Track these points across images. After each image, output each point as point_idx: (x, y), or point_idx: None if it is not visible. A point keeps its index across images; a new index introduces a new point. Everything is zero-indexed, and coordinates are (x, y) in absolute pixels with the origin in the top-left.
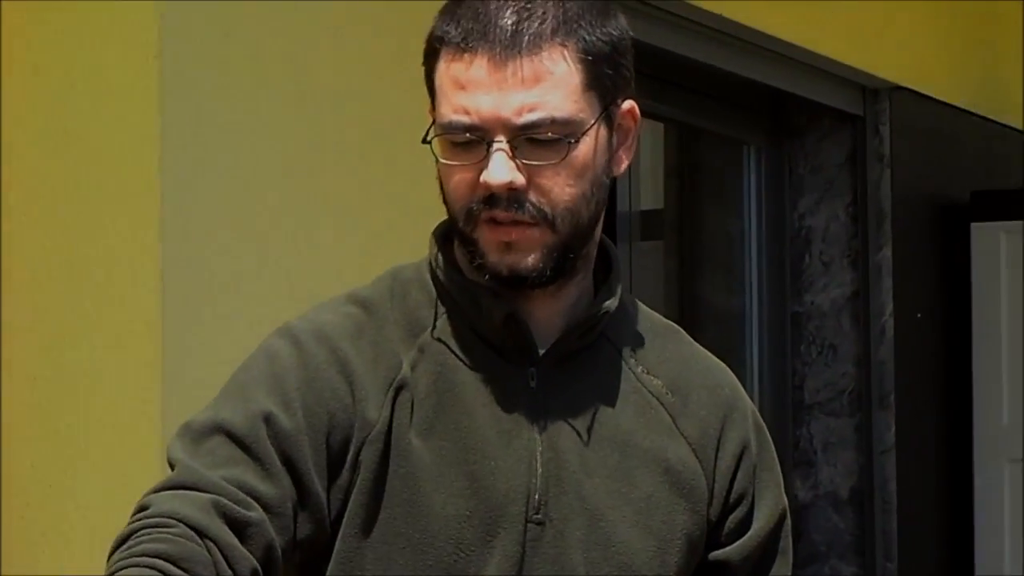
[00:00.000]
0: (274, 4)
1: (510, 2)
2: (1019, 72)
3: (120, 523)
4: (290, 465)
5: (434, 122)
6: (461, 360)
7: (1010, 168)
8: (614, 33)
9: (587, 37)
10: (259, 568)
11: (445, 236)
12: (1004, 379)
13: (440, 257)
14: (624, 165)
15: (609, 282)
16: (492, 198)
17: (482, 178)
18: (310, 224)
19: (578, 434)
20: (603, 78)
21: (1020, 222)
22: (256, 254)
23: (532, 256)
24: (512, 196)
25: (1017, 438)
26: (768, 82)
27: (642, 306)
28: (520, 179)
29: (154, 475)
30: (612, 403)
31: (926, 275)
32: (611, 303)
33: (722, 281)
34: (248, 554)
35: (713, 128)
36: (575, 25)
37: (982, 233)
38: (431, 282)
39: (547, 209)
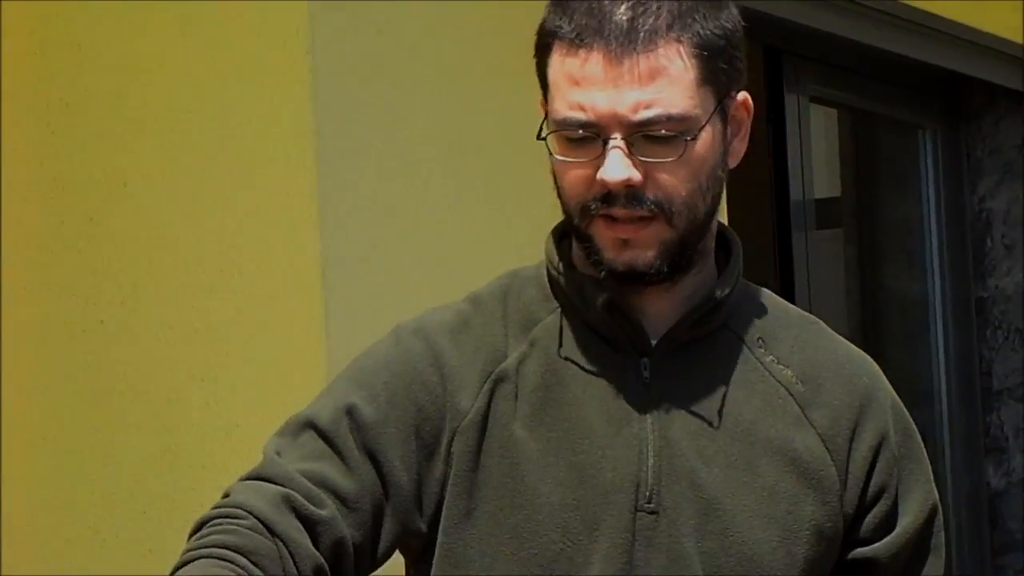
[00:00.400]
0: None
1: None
2: None
3: None
4: (372, 457)
5: (547, 116)
6: (572, 353)
7: None
8: (727, 26)
9: (701, 32)
10: (325, 566)
11: (562, 234)
12: None
13: (555, 254)
14: (739, 157)
15: (727, 271)
16: (609, 196)
17: (599, 175)
18: (467, 215)
19: (695, 424)
20: (718, 72)
21: None
22: (414, 246)
23: (650, 253)
24: (629, 193)
25: None
26: (941, 64)
27: (776, 298)
28: (637, 176)
29: None
30: (734, 393)
31: None
32: (721, 291)
33: (903, 268)
34: (315, 552)
35: (887, 113)
36: (689, 19)
37: None
38: (546, 279)
39: (665, 204)
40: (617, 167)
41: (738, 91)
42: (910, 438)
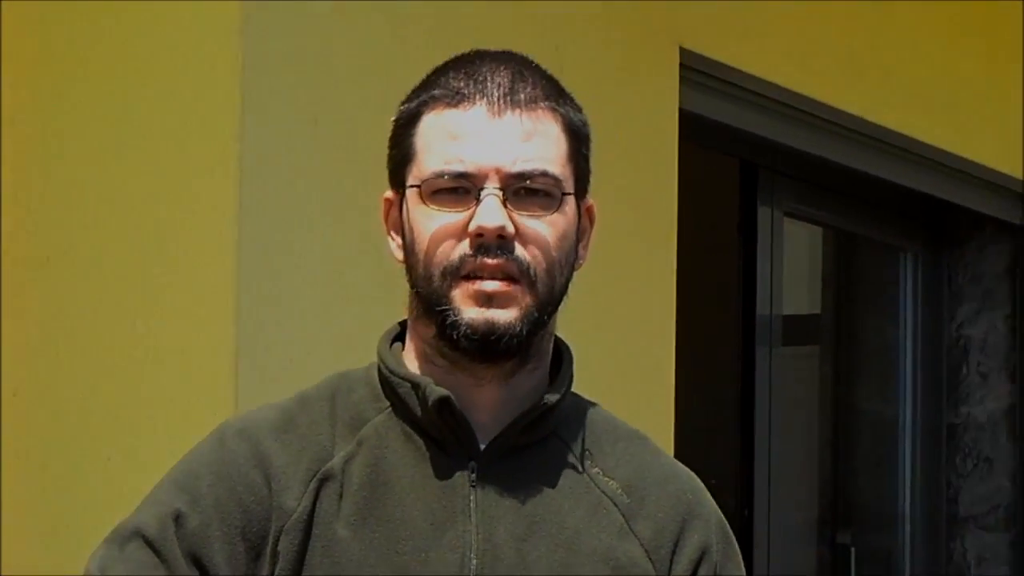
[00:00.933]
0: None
1: (502, 68)
2: None
3: None
4: (198, 564)
5: (390, 205)
6: (399, 453)
7: None
8: (587, 127)
9: (572, 116)
10: None
11: (395, 337)
12: None
13: (388, 354)
14: (582, 262)
15: (559, 378)
16: (479, 248)
17: (474, 223)
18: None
19: (520, 529)
20: (580, 159)
21: None
22: (328, 265)
23: (512, 313)
24: (501, 245)
25: None
26: (926, 190)
27: (605, 411)
28: (511, 226)
29: None
30: (558, 501)
31: None
32: (551, 397)
33: (877, 389)
34: None
35: (871, 234)
36: (562, 100)
37: None
38: (377, 379)
39: (532, 265)
40: (494, 214)
41: (585, 195)
42: (730, 557)
